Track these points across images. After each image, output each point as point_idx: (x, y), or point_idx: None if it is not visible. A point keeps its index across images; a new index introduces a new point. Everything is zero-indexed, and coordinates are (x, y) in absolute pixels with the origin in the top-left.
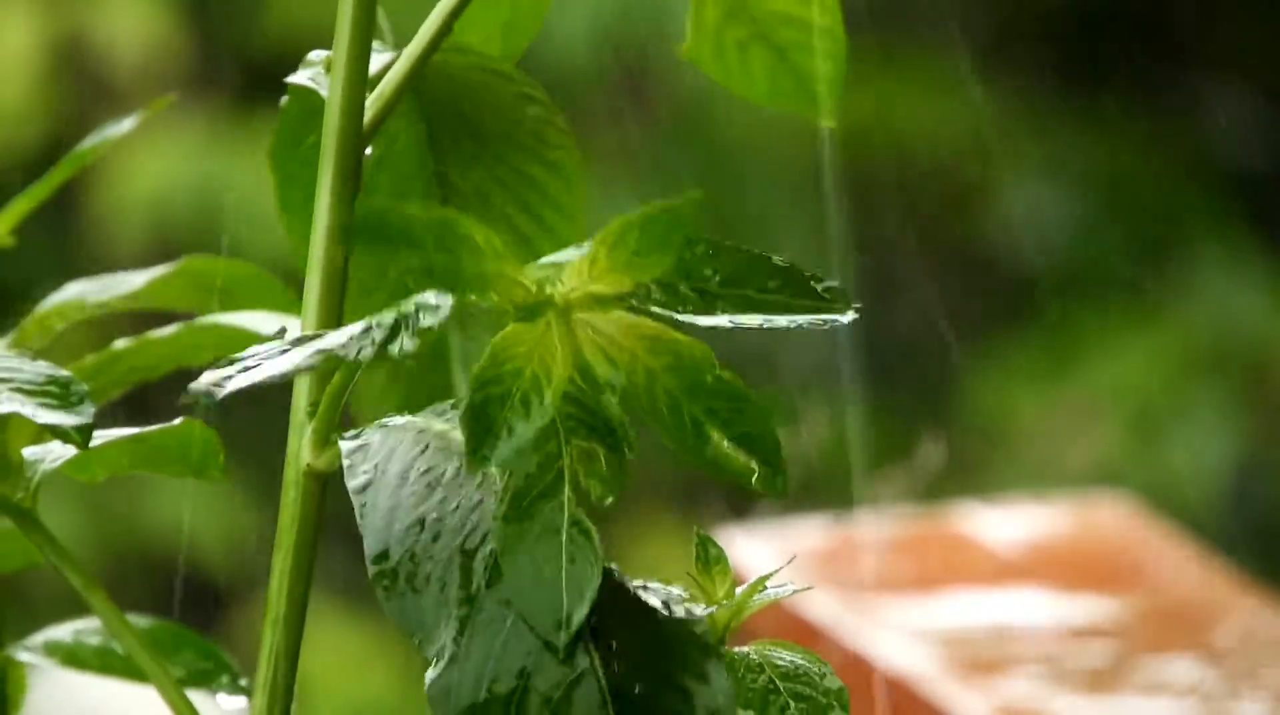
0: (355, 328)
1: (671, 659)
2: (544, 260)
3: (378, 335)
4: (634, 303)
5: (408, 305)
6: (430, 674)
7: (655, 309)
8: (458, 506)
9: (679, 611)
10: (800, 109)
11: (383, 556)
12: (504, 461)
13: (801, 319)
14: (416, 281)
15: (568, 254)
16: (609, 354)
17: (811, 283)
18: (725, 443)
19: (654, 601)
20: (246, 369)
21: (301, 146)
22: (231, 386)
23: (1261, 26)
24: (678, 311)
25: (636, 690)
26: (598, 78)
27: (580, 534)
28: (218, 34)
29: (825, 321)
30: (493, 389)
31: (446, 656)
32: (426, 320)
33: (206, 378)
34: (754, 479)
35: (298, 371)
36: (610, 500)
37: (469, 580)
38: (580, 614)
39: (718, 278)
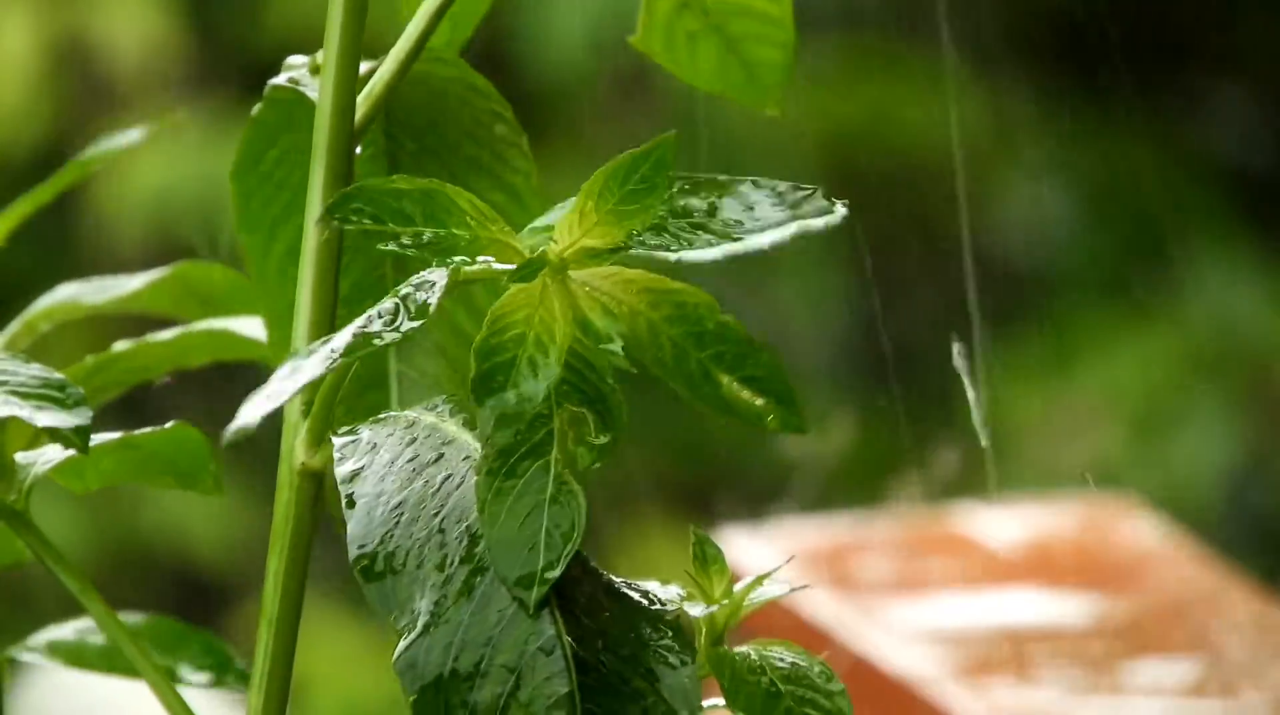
0: (358, 322)
1: (640, 641)
2: (533, 224)
3: (382, 322)
4: (628, 250)
5: (405, 287)
6: (400, 645)
7: (648, 252)
8: (439, 488)
9: (654, 601)
10: (748, 98)
11: (364, 541)
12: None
13: (791, 229)
14: (405, 257)
15: (555, 214)
16: (608, 308)
17: (793, 192)
18: (735, 386)
19: (631, 592)
20: (271, 394)
21: (262, 163)
22: (262, 412)
23: (1261, 26)
24: (670, 250)
25: (601, 665)
26: (596, 77)
27: (566, 493)
28: (218, 34)
29: (813, 226)
30: (498, 357)
31: (418, 629)
32: (424, 297)
33: (243, 416)
34: (769, 419)
35: (320, 378)
36: (595, 465)
37: (444, 556)
38: (554, 571)
39: (704, 207)
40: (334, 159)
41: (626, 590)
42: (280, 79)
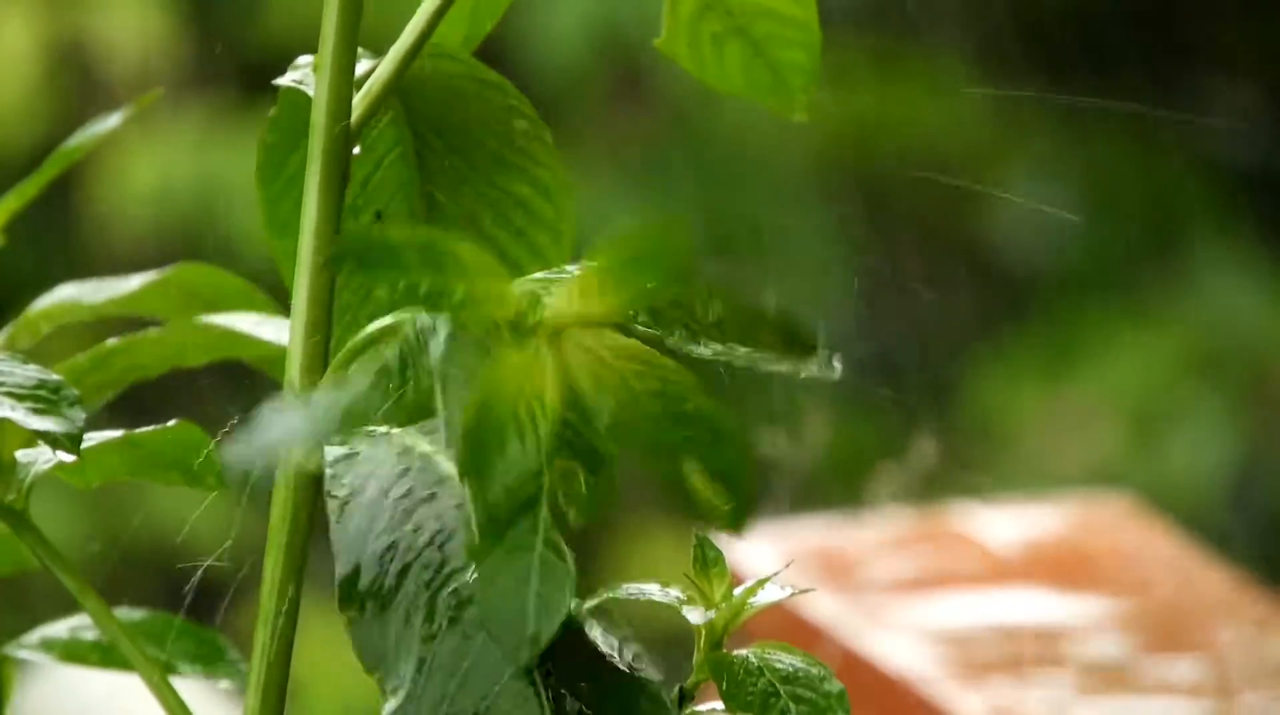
0: (365, 380)
1: (624, 711)
2: (534, 276)
3: (389, 379)
4: (623, 327)
5: (408, 339)
6: (387, 709)
7: (644, 331)
8: (432, 538)
9: (640, 667)
10: (775, 102)
11: (352, 582)
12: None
13: (786, 367)
14: (404, 303)
15: (557, 272)
16: (598, 377)
17: (802, 334)
18: (699, 476)
19: (616, 660)
20: (266, 433)
21: (287, 167)
22: (258, 460)
23: (1261, 26)
24: (666, 338)
25: None
26: (596, 78)
27: (554, 554)
28: (217, 34)
29: (810, 374)
30: (486, 429)
31: (404, 693)
32: (431, 351)
33: (234, 455)
34: (719, 518)
35: (323, 438)
36: (584, 523)
37: (433, 616)
38: (548, 633)
39: (710, 317)
40: (329, 160)
41: (609, 652)
42: (285, 79)
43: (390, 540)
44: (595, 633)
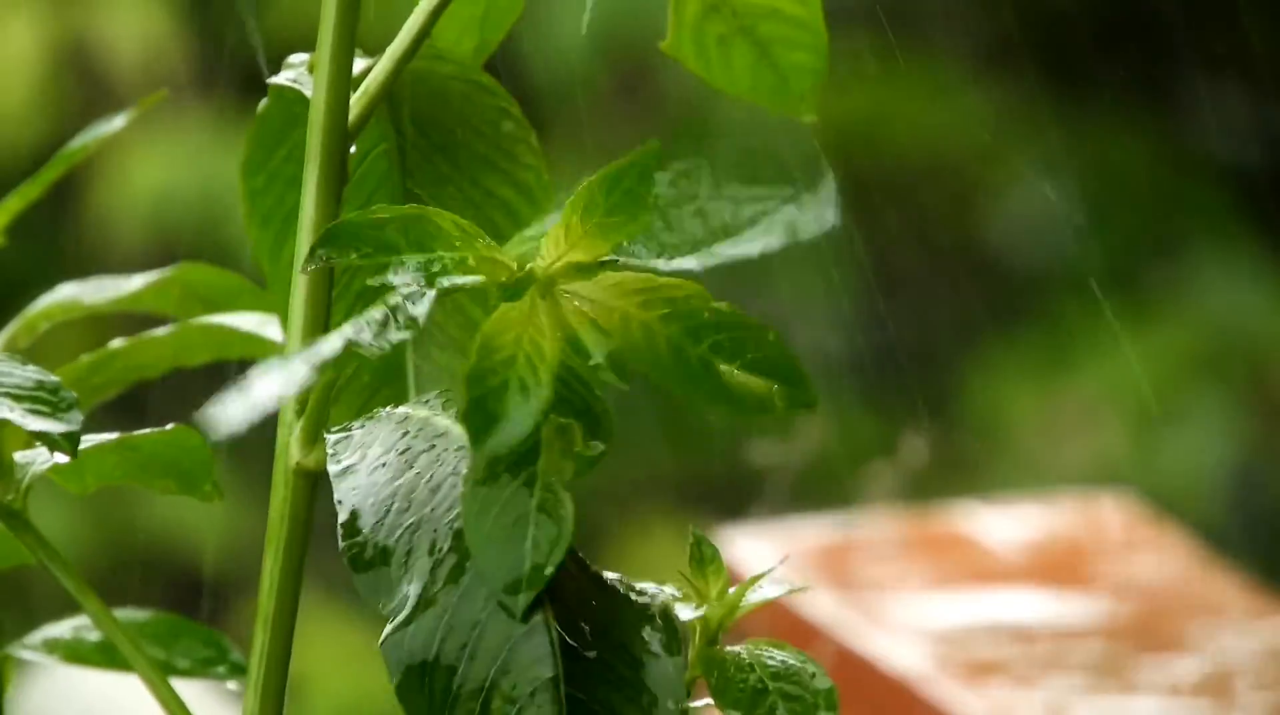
0: (346, 330)
1: (626, 630)
2: (521, 234)
3: (371, 331)
4: (614, 264)
5: (394, 297)
6: (386, 630)
7: (637, 263)
8: (430, 477)
9: (642, 594)
10: (782, 104)
11: (354, 530)
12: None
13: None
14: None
15: (542, 227)
16: (598, 322)
17: (787, 190)
18: (738, 374)
19: (618, 586)
20: (248, 393)
21: (272, 160)
22: (239, 417)
23: (1261, 26)
24: (661, 258)
25: (587, 652)
26: (596, 78)
27: (553, 501)
28: (218, 34)
29: (809, 222)
30: (490, 381)
31: (405, 613)
32: (414, 310)
33: (226, 418)
34: (779, 401)
35: (303, 388)
36: (578, 476)
37: (434, 543)
38: (540, 578)
39: (693, 211)
40: (328, 157)
41: (615, 584)
42: (280, 78)
43: (392, 489)
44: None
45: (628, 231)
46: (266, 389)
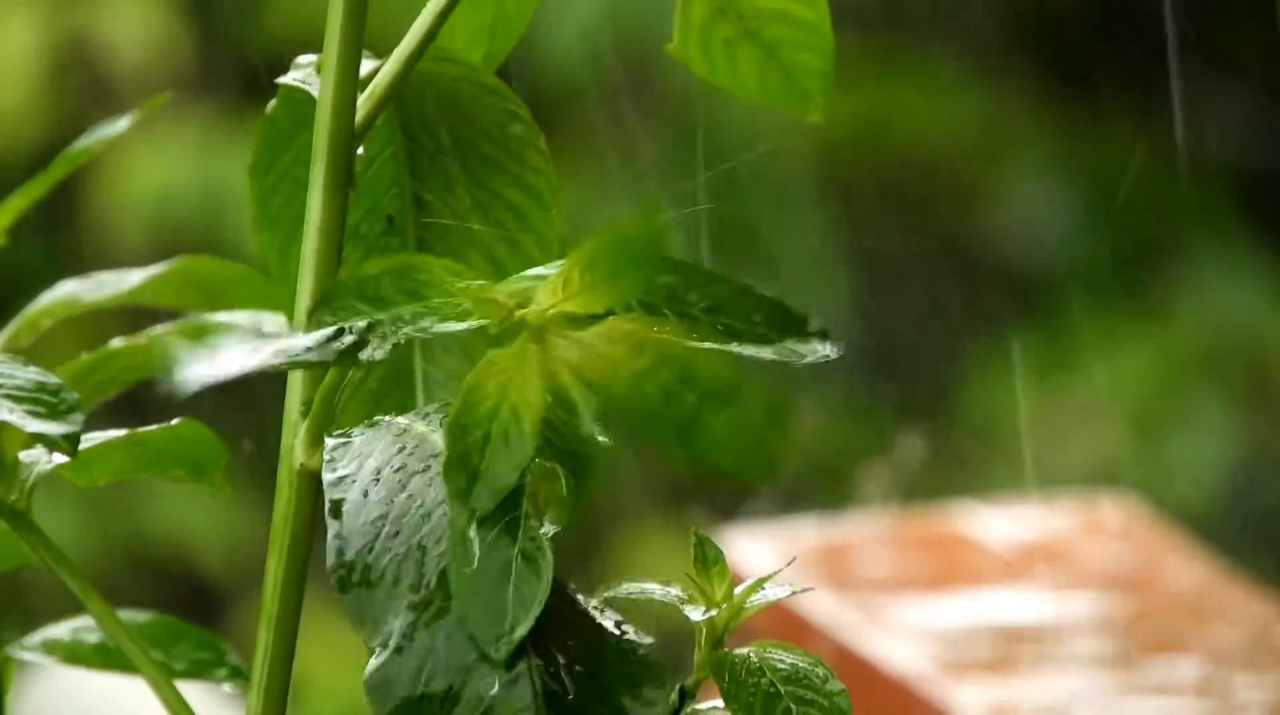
0: (326, 332)
1: (612, 675)
2: (519, 274)
3: (346, 341)
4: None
5: (381, 314)
6: (371, 664)
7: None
8: (422, 504)
9: (629, 633)
10: (789, 106)
11: (342, 550)
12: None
13: (784, 353)
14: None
15: (542, 270)
16: (585, 373)
17: (795, 316)
18: (720, 428)
19: (606, 622)
20: (213, 359)
21: (280, 161)
22: (199, 378)
23: (1260, 26)
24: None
25: (571, 699)
26: (596, 78)
27: (534, 549)
28: (218, 34)
29: (808, 357)
30: (473, 433)
31: (390, 649)
32: (401, 332)
33: (177, 367)
34: (745, 463)
35: (261, 370)
36: (562, 526)
37: (421, 576)
38: (522, 630)
39: (701, 304)
40: (334, 159)
41: (601, 620)
42: (288, 78)
43: (384, 510)
44: (590, 603)
45: (626, 295)
46: (232, 360)
